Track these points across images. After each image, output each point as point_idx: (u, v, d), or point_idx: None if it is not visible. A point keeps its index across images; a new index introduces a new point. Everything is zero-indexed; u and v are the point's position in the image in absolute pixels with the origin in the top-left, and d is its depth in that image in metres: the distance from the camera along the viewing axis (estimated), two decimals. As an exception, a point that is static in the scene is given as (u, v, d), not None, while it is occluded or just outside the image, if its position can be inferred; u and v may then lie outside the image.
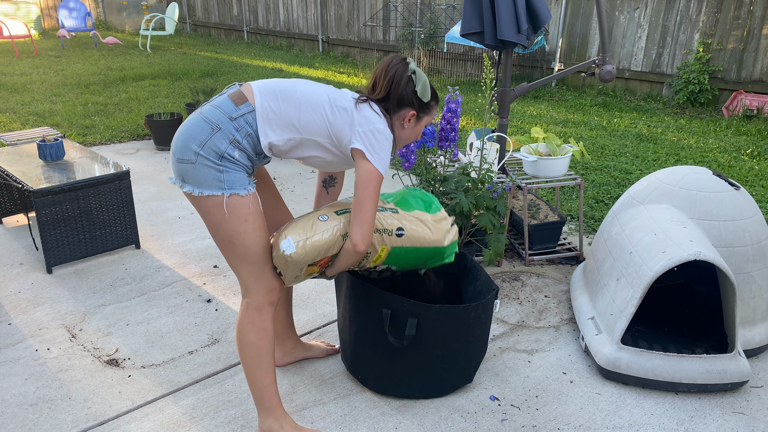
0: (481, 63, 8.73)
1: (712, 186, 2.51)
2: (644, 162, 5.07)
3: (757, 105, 6.49)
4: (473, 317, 2.11)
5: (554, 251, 3.41)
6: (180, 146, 1.77)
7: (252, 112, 1.78)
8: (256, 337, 1.90)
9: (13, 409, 2.16)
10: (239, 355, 1.94)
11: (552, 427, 2.11)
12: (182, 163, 1.77)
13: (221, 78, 8.63)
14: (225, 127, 1.76)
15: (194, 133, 1.76)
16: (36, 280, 3.07)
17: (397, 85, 1.87)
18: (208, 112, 1.79)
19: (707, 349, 2.43)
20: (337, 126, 1.82)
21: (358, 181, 1.80)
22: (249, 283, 1.88)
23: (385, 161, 1.83)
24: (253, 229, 1.81)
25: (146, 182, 4.55)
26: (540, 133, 3.20)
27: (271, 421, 1.98)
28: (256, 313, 1.90)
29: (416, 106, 1.92)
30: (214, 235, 1.85)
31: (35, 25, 13.17)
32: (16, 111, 6.45)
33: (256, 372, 1.93)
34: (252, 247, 1.83)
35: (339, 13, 10.90)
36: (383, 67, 1.90)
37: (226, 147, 1.75)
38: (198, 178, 1.76)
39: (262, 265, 1.87)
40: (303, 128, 1.82)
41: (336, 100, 1.84)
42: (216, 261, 3.29)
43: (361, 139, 1.80)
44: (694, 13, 7.03)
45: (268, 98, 1.81)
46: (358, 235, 1.81)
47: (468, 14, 3.16)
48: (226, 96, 1.82)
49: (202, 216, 1.84)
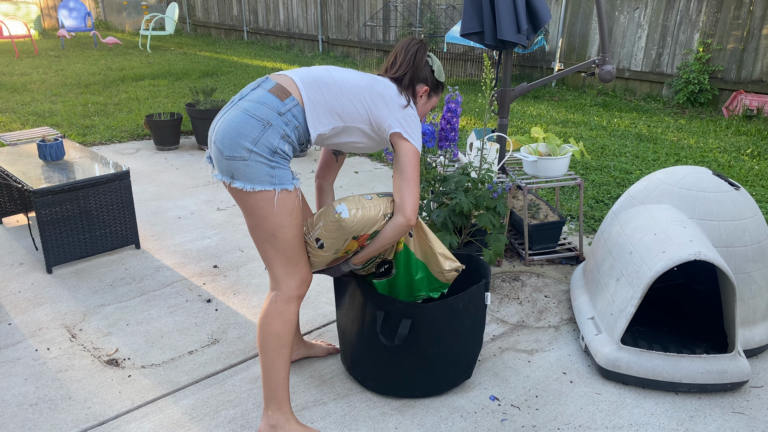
0: (481, 63, 8.73)
1: (712, 186, 2.51)
2: (644, 162, 5.07)
3: (757, 105, 6.49)
4: (461, 308, 2.13)
5: (554, 251, 3.41)
6: (229, 144, 1.79)
7: (297, 105, 1.83)
8: (282, 328, 1.93)
9: (13, 409, 2.16)
10: (260, 346, 1.95)
11: (552, 427, 2.11)
12: (233, 161, 1.79)
13: (221, 78, 8.63)
14: (275, 123, 1.79)
15: (244, 131, 1.78)
16: (36, 280, 3.07)
17: (417, 64, 2.01)
18: (254, 108, 1.80)
19: (707, 349, 2.43)
20: (377, 112, 1.91)
21: (403, 160, 1.89)
22: (281, 276, 1.91)
23: (420, 139, 1.95)
24: (295, 224, 1.87)
25: (146, 182, 4.55)
26: (540, 133, 3.20)
27: (279, 416, 1.99)
28: (285, 305, 1.93)
29: (430, 83, 2.06)
30: (256, 227, 1.87)
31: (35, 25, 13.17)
32: (16, 111, 6.45)
33: (276, 363, 1.95)
34: (292, 240, 1.88)
35: (339, 13, 10.90)
36: (403, 46, 2.03)
37: (278, 142, 1.80)
38: (250, 174, 1.79)
39: (298, 258, 1.91)
40: (346, 116, 1.89)
41: (372, 86, 1.93)
42: (216, 261, 3.30)
43: (399, 123, 1.90)
44: (694, 13, 7.03)
45: (312, 90, 1.86)
46: (409, 207, 1.87)
47: (468, 14, 3.16)
48: (266, 91, 1.83)
49: (245, 210, 1.87)
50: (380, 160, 5.20)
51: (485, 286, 2.19)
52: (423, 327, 2.09)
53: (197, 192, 4.36)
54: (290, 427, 1.99)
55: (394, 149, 1.92)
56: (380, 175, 4.81)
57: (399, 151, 1.90)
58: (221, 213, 3.98)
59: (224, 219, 3.87)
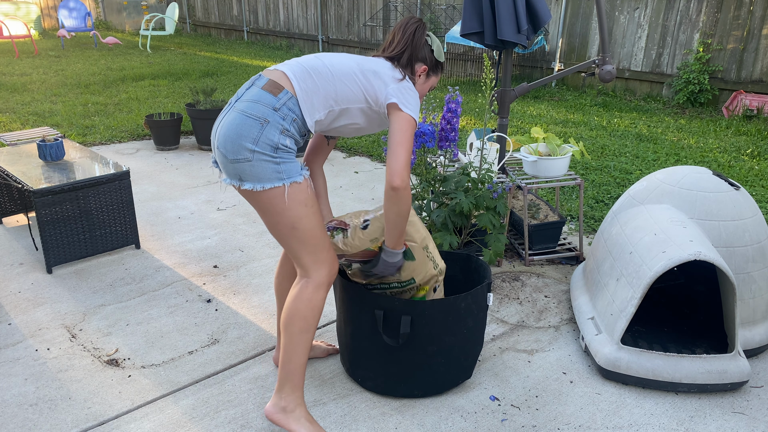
0: (481, 63, 8.73)
1: (712, 186, 2.51)
2: (644, 162, 5.07)
3: (757, 105, 6.49)
4: (464, 308, 2.12)
5: (554, 251, 3.41)
6: (231, 147, 1.79)
7: (292, 98, 1.83)
8: (311, 313, 1.95)
9: (13, 409, 2.16)
10: (285, 329, 1.96)
11: (552, 427, 2.11)
12: (238, 163, 1.80)
13: (221, 78, 8.63)
14: (272, 119, 1.80)
15: (243, 132, 1.78)
16: (36, 280, 3.07)
17: (416, 42, 2.00)
18: (250, 108, 1.81)
19: (707, 349, 2.43)
20: (372, 88, 1.91)
21: (396, 128, 1.88)
22: (309, 265, 1.93)
23: (416, 110, 1.94)
24: (312, 212, 1.88)
25: (146, 182, 4.55)
26: (540, 133, 3.20)
27: (291, 399, 2.01)
28: (315, 291, 1.94)
29: (429, 63, 2.04)
30: (275, 224, 1.88)
31: (35, 25, 13.17)
32: (16, 111, 6.45)
33: (299, 348, 1.97)
34: (313, 229, 1.89)
35: (339, 13, 10.90)
36: (401, 25, 2.02)
37: (278, 138, 1.80)
38: (257, 174, 1.80)
39: (322, 245, 1.93)
40: (341, 98, 1.89)
41: (363, 64, 1.93)
42: (216, 261, 3.30)
43: (394, 94, 1.90)
44: (694, 13, 7.03)
45: (304, 79, 1.86)
46: (393, 170, 1.82)
47: (468, 14, 3.16)
48: (259, 89, 1.84)
49: (260, 209, 1.88)
50: (380, 160, 5.20)
51: (488, 287, 2.19)
52: (422, 324, 2.09)
53: (197, 192, 4.36)
54: (299, 413, 2.00)
55: (390, 119, 1.90)
56: (380, 175, 4.81)
57: (393, 120, 1.89)
58: (221, 213, 3.98)
59: (224, 219, 3.87)
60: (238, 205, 4.12)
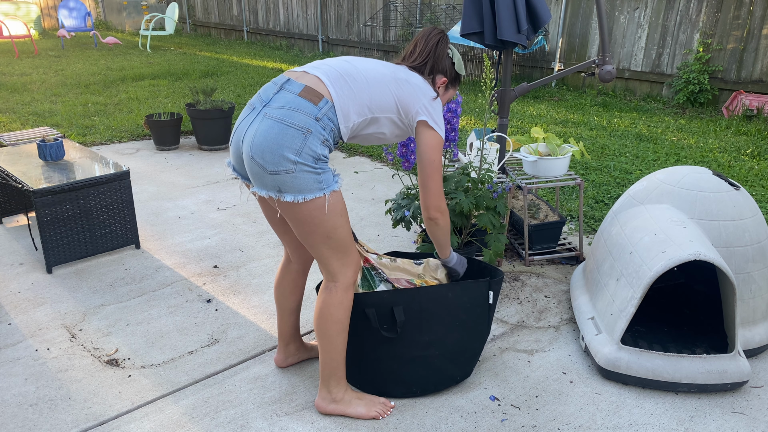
0: (481, 63, 8.73)
1: (712, 186, 2.51)
2: (644, 162, 5.07)
3: (757, 105, 6.49)
4: (452, 298, 2.13)
5: (554, 251, 3.41)
6: (271, 158, 1.73)
7: (331, 107, 1.79)
8: (344, 315, 1.97)
9: (13, 409, 2.16)
10: (320, 333, 1.98)
11: (552, 427, 2.11)
12: (279, 175, 1.74)
13: (221, 78, 8.63)
14: (315, 130, 1.76)
15: (285, 142, 1.73)
16: (36, 280, 3.07)
17: (438, 54, 2.00)
18: (290, 117, 1.75)
19: (707, 349, 2.43)
20: (404, 99, 1.89)
21: (426, 151, 1.90)
22: (337, 269, 1.94)
23: (443, 126, 1.95)
24: (346, 221, 1.89)
25: (146, 182, 4.55)
26: (540, 133, 3.20)
27: (339, 389, 2.08)
28: (344, 293, 1.95)
29: (449, 75, 2.04)
30: (310, 233, 1.85)
31: (35, 25, 13.17)
32: (16, 111, 6.45)
33: (340, 346, 2.01)
34: (345, 238, 1.90)
35: (339, 13, 10.90)
36: (423, 35, 2.01)
37: (320, 149, 1.77)
38: (299, 185, 1.76)
39: (350, 249, 1.94)
40: (375, 106, 1.87)
41: (396, 73, 1.92)
42: (216, 261, 3.30)
43: (426, 111, 1.90)
44: (694, 13, 7.03)
45: (340, 85, 1.83)
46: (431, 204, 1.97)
47: (468, 14, 3.16)
48: (295, 95, 1.78)
49: (296, 220, 1.83)
50: (380, 160, 5.20)
51: (488, 284, 2.19)
52: (411, 312, 2.11)
53: (197, 192, 4.36)
54: (349, 396, 2.09)
55: (418, 137, 1.91)
56: (380, 175, 4.81)
57: (423, 137, 1.90)
58: (221, 213, 3.98)
59: (224, 219, 3.87)
60: (238, 205, 4.12)
